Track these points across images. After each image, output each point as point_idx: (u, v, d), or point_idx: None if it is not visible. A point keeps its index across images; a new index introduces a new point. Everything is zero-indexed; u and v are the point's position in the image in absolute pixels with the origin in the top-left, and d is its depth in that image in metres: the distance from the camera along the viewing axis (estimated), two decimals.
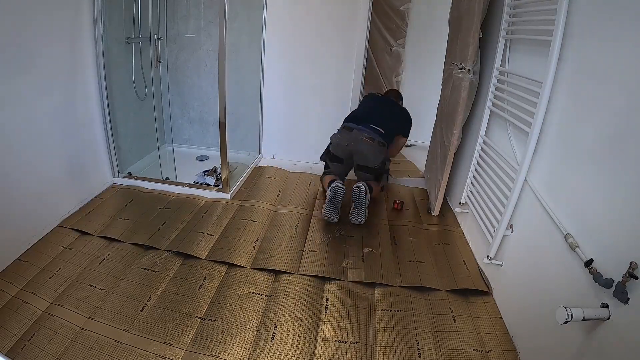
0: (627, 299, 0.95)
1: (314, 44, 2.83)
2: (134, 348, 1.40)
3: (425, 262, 1.96)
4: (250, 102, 3.05)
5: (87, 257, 1.84)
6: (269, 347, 1.44)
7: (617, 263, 0.99)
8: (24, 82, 1.76)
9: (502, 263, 1.69)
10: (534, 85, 1.47)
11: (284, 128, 3.13)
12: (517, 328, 1.52)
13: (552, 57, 1.33)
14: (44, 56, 1.87)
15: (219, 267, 1.84)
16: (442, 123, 2.43)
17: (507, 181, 1.65)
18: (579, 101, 1.25)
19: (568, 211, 1.25)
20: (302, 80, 2.95)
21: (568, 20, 1.29)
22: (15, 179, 1.78)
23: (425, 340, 1.51)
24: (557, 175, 1.34)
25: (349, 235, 2.15)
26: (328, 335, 1.50)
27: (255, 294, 1.70)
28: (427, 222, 2.37)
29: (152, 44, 2.76)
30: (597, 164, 1.13)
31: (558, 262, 1.26)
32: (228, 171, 2.47)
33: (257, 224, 2.21)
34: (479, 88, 2.10)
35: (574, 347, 1.13)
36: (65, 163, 2.12)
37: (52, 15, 1.89)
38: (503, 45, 1.82)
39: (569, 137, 1.29)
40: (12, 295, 1.58)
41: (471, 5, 1.96)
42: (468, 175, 2.13)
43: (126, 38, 2.54)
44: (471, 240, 2.14)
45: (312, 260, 1.90)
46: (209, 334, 1.48)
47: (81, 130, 2.19)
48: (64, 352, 1.35)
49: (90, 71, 2.24)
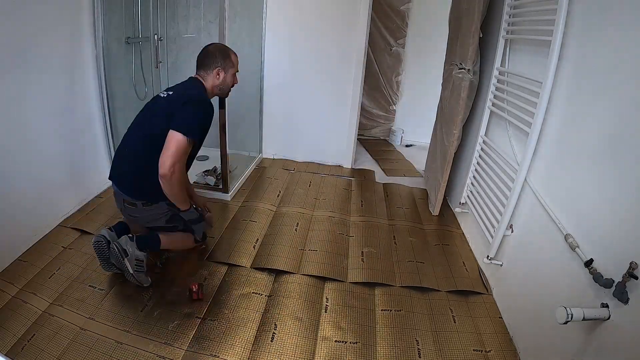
0: (627, 299, 0.95)
1: (314, 44, 2.83)
2: (134, 348, 1.40)
3: (425, 262, 1.96)
4: (250, 102, 3.05)
5: (87, 257, 1.84)
6: (269, 347, 1.44)
7: (617, 263, 0.99)
8: (24, 82, 1.76)
9: (502, 263, 1.69)
10: (534, 85, 1.47)
11: (284, 128, 3.13)
12: (517, 328, 1.52)
13: (552, 57, 1.33)
14: (44, 56, 1.86)
15: (219, 267, 1.84)
16: (442, 123, 2.43)
17: (507, 181, 1.65)
18: (579, 101, 1.25)
19: (568, 211, 1.25)
20: (302, 80, 2.95)
21: (568, 20, 1.29)
22: (16, 178, 1.77)
23: (425, 340, 1.51)
24: (557, 175, 1.34)
25: (348, 235, 2.15)
26: (328, 335, 1.50)
27: (255, 293, 1.70)
28: (427, 222, 2.37)
29: (152, 44, 2.76)
30: (597, 164, 1.13)
31: (558, 262, 1.26)
32: (228, 171, 2.47)
33: (257, 224, 2.21)
34: (479, 88, 2.10)
35: (574, 347, 1.13)
36: (66, 163, 2.12)
37: (52, 15, 1.89)
38: (503, 45, 1.82)
39: (569, 137, 1.29)
40: (12, 295, 1.58)
41: (471, 5, 1.96)
42: (468, 175, 2.13)
43: (126, 38, 2.53)
44: (471, 240, 2.14)
45: (312, 260, 1.90)
46: (209, 334, 1.48)
47: (81, 130, 2.19)
48: (64, 352, 1.35)
49: (90, 71, 2.23)
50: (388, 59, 3.69)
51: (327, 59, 2.86)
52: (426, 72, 3.59)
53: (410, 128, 3.95)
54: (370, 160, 3.40)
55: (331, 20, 2.75)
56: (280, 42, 2.86)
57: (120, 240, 1.59)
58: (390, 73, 3.75)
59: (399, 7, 3.48)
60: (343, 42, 2.79)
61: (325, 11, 2.74)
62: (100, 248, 1.60)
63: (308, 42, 2.84)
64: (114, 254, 1.56)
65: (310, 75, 2.93)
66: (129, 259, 1.57)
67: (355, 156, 3.21)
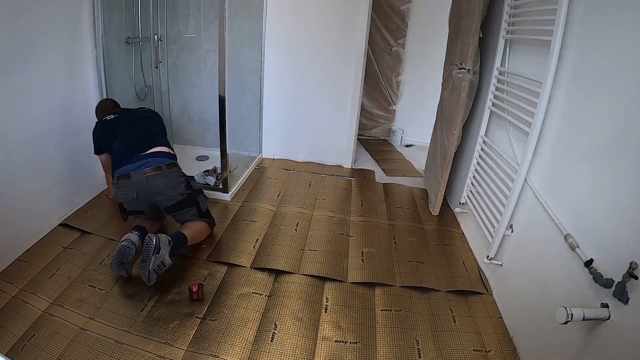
0: (627, 299, 0.95)
1: (314, 44, 2.83)
2: (134, 348, 1.40)
3: (425, 262, 1.96)
4: (250, 102, 3.05)
5: (87, 257, 1.84)
6: (269, 347, 1.44)
7: (617, 263, 0.99)
8: (24, 81, 1.76)
9: (502, 263, 1.69)
10: (534, 85, 1.47)
11: (284, 128, 3.13)
12: (517, 328, 1.52)
13: (552, 57, 1.33)
14: (44, 56, 1.86)
15: (219, 267, 1.84)
16: (442, 123, 2.43)
17: (507, 181, 1.65)
18: (578, 101, 1.25)
19: (568, 211, 1.25)
20: (302, 80, 2.95)
21: (568, 20, 1.29)
22: (16, 178, 1.77)
23: (425, 340, 1.51)
24: (557, 175, 1.34)
25: (348, 235, 2.15)
26: (328, 335, 1.50)
27: (255, 293, 1.70)
28: (427, 222, 2.37)
29: (152, 44, 2.76)
30: (597, 164, 1.13)
31: (558, 262, 1.26)
32: (228, 171, 2.47)
33: (257, 224, 2.21)
34: (479, 88, 2.10)
35: (574, 347, 1.13)
36: (66, 162, 2.12)
37: (52, 15, 1.89)
38: (503, 45, 1.82)
39: (569, 137, 1.29)
40: (12, 295, 1.58)
41: (471, 5, 1.96)
42: (468, 175, 2.13)
43: (126, 38, 2.53)
44: (471, 240, 2.14)
45: (312, 260, 1.90)
46: (209, 334, 1.48)
47: (81, 130, 2.19)
48: (64, 352, 1.35)
49: (90, 71, 2.24)
50: (388, 59, 3.69)
51: (327, 60, 2.86)
52: (426, 72, 3.59)
53: (410, 128, 3.95)
54: (370, 160, 3.40)
55: (331, 20, 2.75)
56: (280, 42, 2.86)
57: (161, 237, 1.65)
58: (390, 73, 3.75)
59: (399, 7, 3.48)
60: (343, 42, 2.79)
61: (326, 11, 2.74)
62: (125, 253, 1.65)
63: (308, 42, 2.84)
64: (148, 243, 1.61)
65: (311, 76, 2.93)
66: (158, 257, 1.62)
67: (355, 156, 3.21)
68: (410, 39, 3.66)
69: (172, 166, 1.83)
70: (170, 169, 1.81)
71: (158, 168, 1.77)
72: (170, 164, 1.82)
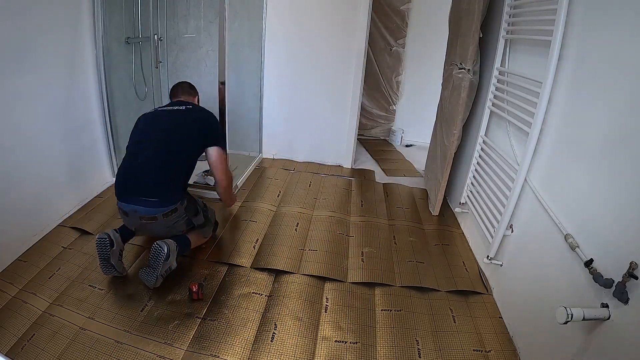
0: (627, 299, 0.95)
1: (314, 44, 2.83)
2: (134, 348, 1.40)
3: (425, 262, 1.96)
4: (250, 102, 3.05)
5: (87, 257, 1.84)
6: (269, 347, 1.44)
7: (617, 263, 0.99)
8: (24, 82, 1.76)
9: (502, 263, 1.69)
10: (534, 85, 1.47)
11: (284, 128, 3.13)
12: (517, 328, 1.52)
13: (552, 57, 1.33)
14: (44, 56, 1.86)
15: (219, 267, 1.84)
16: (442, 123, 2.43)
17: (507, 181, 1.65)
18: (578, 101, 1.25)
19: (568, 211, 1.25)
20: (302, 80, 2.95)
21: (568, 20, 1.29)
22: (16, 178, 1.77)
23: (425, 340, 1.51)
24: (557, 175, 1.34)
25: (348, 235, 2.15)
26: (328, 335, 1.50)
27: (255, 293, 1.70)
28: (427, 222, 2.37)
29: (152, 44, 2.76)
30: (597, 164, 1.13)
31: (558, 262, 1.26)
32: None
33: (258, 224, 2.21)
34: (479, 88, 2.10)
35: (574, 347, 1.13)
36: (66, 162, 2.12)
37: (52, 15, 1.89)
38: (503, 45, 1.82)
39: (569, 137, 1.29)
40: (12, 296, 1.58)
41: (471, 5, 1.96)
42: (468, 175, 2.13)
43: (126, 38, 2.53)
44: (471, 240, 2.14)
45: (312, 260, 1.90)
46: (209, 334, 1.48)
47: (81, 130, 2.19)
48: (64, 352, 1.35)
49: (90, 71, 2.23)
50: (388, 59, 3.69)
51: (327, 59, 2.86)
52: (426, 72, 3.59)
53: (410, 128, 3.95)
54: (370, 160, 3.40)
55: (331, 20, 2.75)
56: (280, 42, 2.86)
57: (170, 245, 1.64)
58: (390, 73, 3.75)
59: (399, 7, 3.48)
60: (343, 42, 2.79)
61: (326, 11, 2.74)
62: (103, 246, 1.62)
63: (308, 42, 2.84)
64: (158, 251, 1.60)
65: (311, 76, 2.93)
66: (167, 263, 1.62)
67: (355, 156, 3.22)
68: (410, 39, 3.66)
69: (170, 214, 1.65)
70: (168, 217, 1.65)
71: (153, 218, 1.63)
72: (167, 213, 1.64)
